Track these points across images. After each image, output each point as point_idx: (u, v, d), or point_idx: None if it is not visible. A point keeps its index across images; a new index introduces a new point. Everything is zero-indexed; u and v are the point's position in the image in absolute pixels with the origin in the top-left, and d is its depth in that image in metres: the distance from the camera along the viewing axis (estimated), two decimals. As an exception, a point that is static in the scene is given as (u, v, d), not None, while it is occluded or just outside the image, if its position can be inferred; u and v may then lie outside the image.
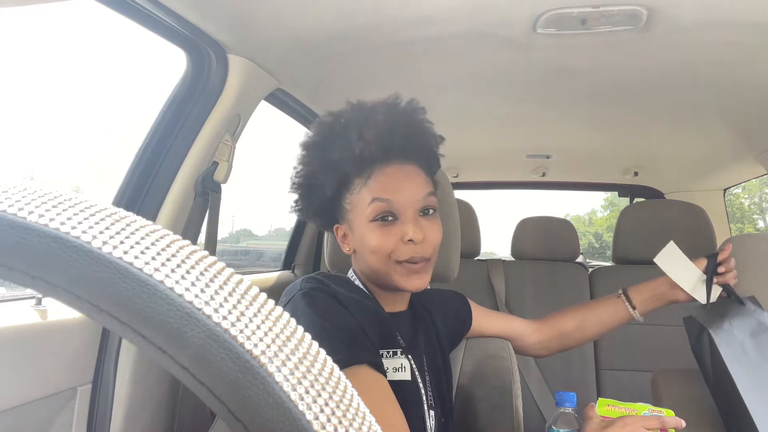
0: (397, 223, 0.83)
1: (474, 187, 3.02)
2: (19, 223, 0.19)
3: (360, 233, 0.85)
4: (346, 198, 0.86)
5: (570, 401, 0.87)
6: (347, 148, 0.82)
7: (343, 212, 0.88)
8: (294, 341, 0.21)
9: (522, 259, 2.19)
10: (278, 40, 1.17)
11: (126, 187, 1.13)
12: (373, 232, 0.83)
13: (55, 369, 0.96)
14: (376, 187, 0.83)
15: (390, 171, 0.84)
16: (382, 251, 0.83)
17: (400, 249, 0.83)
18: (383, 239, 0.83)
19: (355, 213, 0.85)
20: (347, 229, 0.89)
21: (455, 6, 1.06)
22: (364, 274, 0.92)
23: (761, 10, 1.04)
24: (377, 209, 0.82)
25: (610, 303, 1.14)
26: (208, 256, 0.22)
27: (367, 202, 0.83)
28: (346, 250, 0.91)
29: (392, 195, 0.82)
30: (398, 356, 0.87)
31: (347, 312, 0.79)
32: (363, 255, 0.87)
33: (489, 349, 1.10)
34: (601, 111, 1.76)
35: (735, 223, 13.49)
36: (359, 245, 0.87)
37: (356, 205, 0.85)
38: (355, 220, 0.86)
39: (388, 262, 0.84)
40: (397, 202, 0.83)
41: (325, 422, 0.19)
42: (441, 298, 1.07)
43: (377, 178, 0.83)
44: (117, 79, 13.62)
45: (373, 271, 0.87)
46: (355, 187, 0.85)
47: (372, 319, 0.83)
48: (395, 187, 0.83)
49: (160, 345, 0.18)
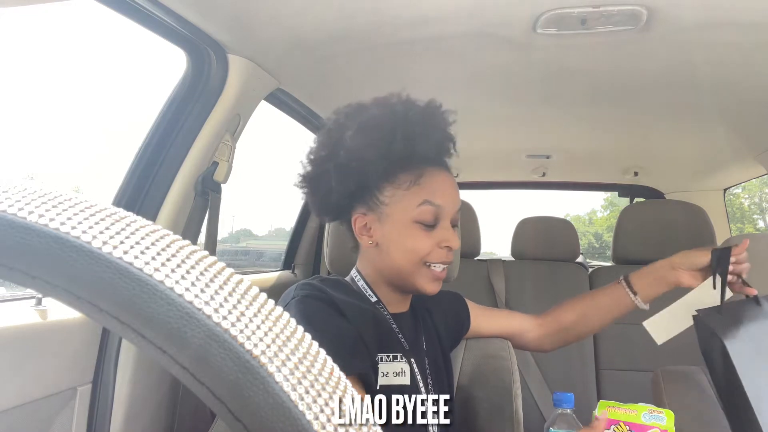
0: (434, 228, 0.85)
1: (474, 187, 3.01)
2: (19, 223, 0.19)
3: (396, 230, 0.85)
4: (386, 190, 0.85)
5: (568, 402, 0.87)
6: (409, 142, 0.82)
7: (375, 203, 0.86)
8: (294, 341, 0.21)
9: (522, 259, 2.19)
10: (278, 40, 1.17)
11: (126, 187, 1.13)
12: (414, 232, 0.84)
13: (55, 369, 0.96)
14: (429, 189, 0.85)
15: (441, 177, 0.87)
16: (418, 253, 0.84)
17: (434, 252, 0.85)
18: (423, 242, 0.84)
19: (397, 208, 0.85)
20: (374, 220, 0.86)
21: (455, 6, 1.06)
22: (376, 271, 0.89)
23: (761, 10, 1.04)
24: (426, 212, 0.84)
25: (612, 292, 1.08)
26: (208, 256, 0.22)
27: (417, 203, 0.84)
28: (366, 242, 0.88)
29: (443, 201, 0.85)
30: (398, 361, 0.86)
31: (343, 319, 0.79)
32: (390, 251, 0.86)
33: (489, 349, 1.10)
34: (601, 111, 1.76)
35: (735, 223, 13.50)
36: (389, 241, 0.85)
37: (400, 201, 0.84)
38: (394, 215, 0.85)
39: (419, 263, 0.85)
40: (445, 209, 0.85)
41: (325, 422, 0.19)
42: (439, 299, 1.07)
43: (430, 180, 0.85)
44: (117, 79, 13.60)
45: (395, 269, 0.86)
46: (401, 182, 0.84)
47: (370, 323, 0.83)
48: (446, 194, 0.86)
49: (160, 345, 0.18)
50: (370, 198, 0.86)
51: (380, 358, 0.84)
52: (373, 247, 0.88)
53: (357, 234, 0.88)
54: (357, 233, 0.88)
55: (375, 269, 0.90)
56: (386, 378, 0.84)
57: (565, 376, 1.92)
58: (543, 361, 1.94)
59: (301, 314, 0.77)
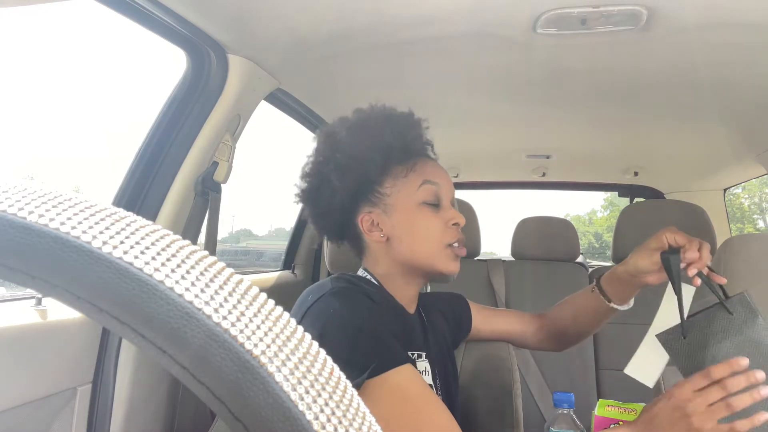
0: (439, 208, 0.88)
1: (474, 187, 3.01)
2: (19, 223, 0.19)
3: (405, 217, 0.87)
4: (386, 182, 0.88)
5: (568, 402, 0.87)
6: (398, 135, 0.86)
7: (378, 198, 0.88)
8: (294, 341, 0.21)
9: (522, 259, 2.19)
10: (278, 40, 1.17)
11: (126, 187, 1.13)
12: (424, 214, 0.87)
13: (55, 369, 0.96)
14: (424, 171, 0.88)
15: (433, 164, 0.91)
16: (435, 235, 0.86)
17: (448, 232, 0.87)
18: (435, 222, 0.87)
19: (400, 196, 0.87)
20: (380, 215, 0.87)
21: (455, 6, 1.06)
22: (393, 265, 0.89)
23: (761, 10, 1.04)
24: (429, 192, 0.87)
25: (592, 297, 1.01)
26: (208, 256, 0.22)
27: (417, 185, 0.87)
28: (377, 238, 0.88)
29: (440, 180, 0.89)
30: (422, 359, 0.87)
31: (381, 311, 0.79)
32: (404, 240, 0.87)
33: (489, 349, 1.10)
34: (601, 111, 1.76)
35: (735, 223, 13.49)
36: (400, 230, 0.87)
37: (402, 189, 0.87)
38: (399, 203, 0.87)
39: (438, 245, 0.87)
40: (444, 188, 0.89)
41: (325, 422, 0.19)
42: (442, 300, 1.07)
43: (424, 166, 0.89)
44: (117, 79, 13.63)
45: (414, 257, 0.87)
46: (398, 173, 0.88)
47: (400, 320, 0.84)
48: (440, 175, 0.90)
49: (160, 345, 0.18)
50: (372, 194, 0.88)
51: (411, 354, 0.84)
52: (384, 242, 0.88)
53: (366, 233, 0.88)
54: (366, 232, 0.88)
55: (390, 265, 0.89)
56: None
57: (565, 376, 1.92)
58: (543, 361, 1.94)
59: (343, 305, 0.76)
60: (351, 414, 0.20)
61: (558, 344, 1.12)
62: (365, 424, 0.21)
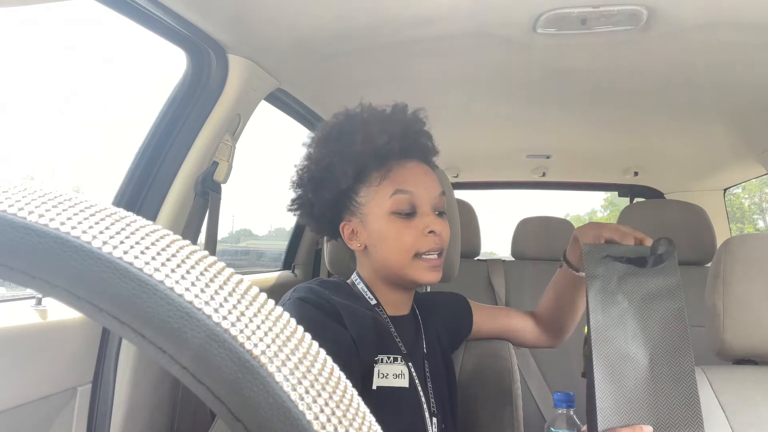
0: (414, 217, 0.85)
1: (474, 187, 3.02)
2: (19, 223, 0.19)
3: (377, 227, 0.86)
4: (361, 191, 0.87)
5: (568, 402, 0.87)
6: (369, 141, 0.84)
7: (355, 207, 0.88)
8: (294, 341, 0.21)
9: (522, 259, 2.19)
10: (278, 40, 1.17)
11: (126, 187, 1.13)
12: (392, 224, 0.84)
13: (55, 369, 0.96)
14: (397, 179, 0.85)
15: (410, 166, 0.87)
16: (402, 244, 0.84)
17: (420, 241, 0.85)
18: (404, 231, 0.84)
19: (372, 206, 0.86)
20: (358, 224, 0.88)
21: (455, 6, 1.06)
22: (373, 272, 0.90)
23: (761, 10, 1.04)
24: (398, 201, 0.84)
25: (563, 276, 1.01)
26: (208, 256, 0.22)
27: (388, 195, 0.84)
28: (355, 246, 0.89)
29: (414, 187, 0.85)
30: (398, 363, 0.86)
31: (335, 323, 0.79)
32: (378, 250, 0.86)
33: (489, 349, 1.10)
34: (601, 111, 1.76)
35: (735, 223, 13.49)
36: (374, 240, 0.87)
37: (373, 198, 0.86)
38: (371, 213, 0.86)
39: (407, 256, 0.85)
40: (418, 195, 0.85)
41: (325, 422, 0.19)
42: (442, 300, 1.07)
43: (398, 172, 0.86)
44: (117, 79, 13.61)
45: (388, 267, 0.87)
46: (372, 180, 0.86)
47: (369, 326, 0.83)
48: (416, 181, 0.86)
49: (160, 345, 0.18)
50: (350, 203, 0.88)
51: (380, 359, 0.84)
52: (363, 250, 0.89)
53: (347, 241, 0.90)
54: (347, 240, 0.90)
55: (371, 271, 0.91)
56: (385, 379, 0.84)
57: (565, 376, 1.91)
58: (543, 361, 1.94)
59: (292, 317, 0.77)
60: (351, 414, 0.20)
61: (554, 336, 1.10)
62: (365, 424, 0.21)
